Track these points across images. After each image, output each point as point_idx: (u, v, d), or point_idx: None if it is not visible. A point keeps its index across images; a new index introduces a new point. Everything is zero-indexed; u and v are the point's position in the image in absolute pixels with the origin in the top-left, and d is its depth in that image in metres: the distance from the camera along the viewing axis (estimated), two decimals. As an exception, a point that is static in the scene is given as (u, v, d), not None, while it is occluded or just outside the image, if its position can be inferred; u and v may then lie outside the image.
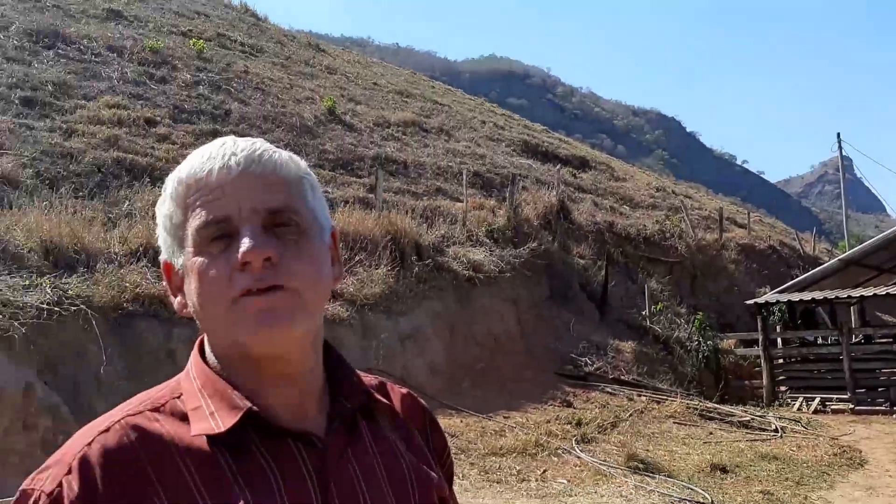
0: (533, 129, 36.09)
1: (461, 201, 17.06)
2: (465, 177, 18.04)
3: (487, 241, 15.40)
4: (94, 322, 7.80)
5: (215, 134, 15.95)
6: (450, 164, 21.00)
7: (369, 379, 1.25)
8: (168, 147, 14.44)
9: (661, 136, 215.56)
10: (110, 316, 8.25)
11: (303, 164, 1.12)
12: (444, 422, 9.93)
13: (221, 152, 1.05)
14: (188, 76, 18.83)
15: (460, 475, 8.03)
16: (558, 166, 24.45)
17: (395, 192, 16.83)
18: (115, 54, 18.43)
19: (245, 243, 0.98)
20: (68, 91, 15.38)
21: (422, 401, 1.29)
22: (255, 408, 1.00)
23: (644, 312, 17.57)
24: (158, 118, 15.70)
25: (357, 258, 12.09)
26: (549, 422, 10.69)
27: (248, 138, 1.08)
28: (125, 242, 9.59)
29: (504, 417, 10.70)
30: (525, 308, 14.98)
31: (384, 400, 1.19)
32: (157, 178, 12.73)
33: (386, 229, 12.90)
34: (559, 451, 9.26)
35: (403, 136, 22.32)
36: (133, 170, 12.85)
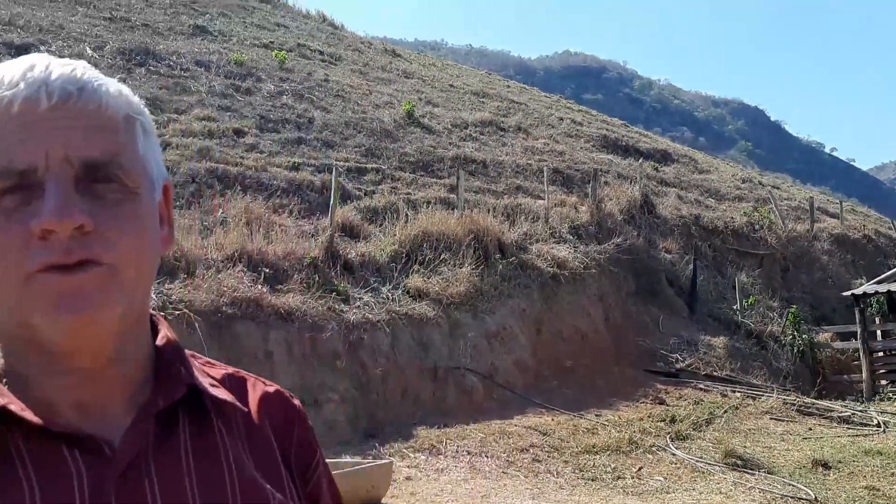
0: (611, 123, 35.61)
1: (542, 198, 16.99)
2: (545, 174, 17.97)
3: (571, 237, 15.30)
4: (196, 325, 8.14)
5: (300, 142, 16.40)
6: (529, 161, 20.95)
7: (218, 370, 0.99)
8: (256, 156, 14.89)
9: (744, 127, 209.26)
10: (211, 319, 8.58)
11: (136, 99, 0.88)
12: (534, 420, 9.97)
13: (30, 78, 0.79)
14: (272, 87, 19.37)
15: (554, 473, 8.03)
16: (640, 160, 24.06)
17: (476, 191, 16.90)
18: (202, 69, 19.13)
19: (49, 206, 0.76)
20: (161, 106, 16.04)
21: (296, 402, 1.02)
22: (11, 405, 0.78)
23: (735, 307, 17.13)
24: (246, 128, 16.20)
25: (441, 257, 12.21)
26: (641, 419, 10.56)
27: (67, 60, 0.84)
28: (221, 248, 9.95)
29: (595, 415, 10.62)
30: (612, 304, 14.82)
31: (225, 396, 0.91)
32: (248, 187, 13.18)
33: (468, 228, 12.98)
34: (654, 449, 9.14)
35: (481, 136, 22.38)
36: (225, 179, 13.31)
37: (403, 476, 7.52)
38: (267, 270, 9.89)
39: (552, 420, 10.13)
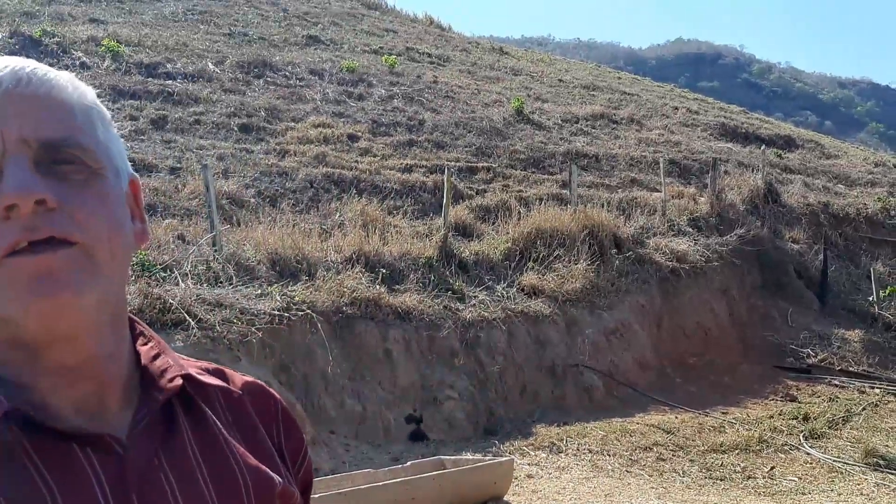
0: (729, 110, 34.29)
1: (659, 191, 16.53)
2: (661, 165, 17.47)
3: (690, 230, 14.82)
4: (318, 325, 8.38)
5: (412, 144, 16.65)
6: (643, 153, 20.45)
7: (201, 364, 0.99)
8: (370, 160, 15.21)
9: (874, 108, 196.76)
10: (332, 319, 8.82)
11: (90, 90, 0.87)
12: (657, 418, 9.71)
13: None
14: (383, 91, 19.74)
15: (680, 472, 7.79)
16: (761, 147, 23.02)
17: (589, 186, 16.64)
18: (316, 77, 19.73)
19: (8, 184, 0.74)
20: (278, 115, 16.63)
21: (273, 392, 1.02)
22: (20, 407, 0.76)
23: (870, 298, 16.11)
24: (359, 133, 16.58)
25: (555, 254, 12.08)
26: (771, 417, 10.09)
27: (20, 58, 0.84)
28: (340, 250, 10.21)
29: (722, 413, 10.22)
30: (736, 298, 14.26)
31: (218, 382, 0.94)
32: (363, 190, 13.48)
33: (582, 224, 12.78)
34: (785, 448, 8.71)
35: (593, 130, 22.03)
36: (341, 183, 13.66)
37: (524, 474, 7.47)
38: (384, 271, 10.07)
39: (676, 418, 9.83)
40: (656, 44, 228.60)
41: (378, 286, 9.67)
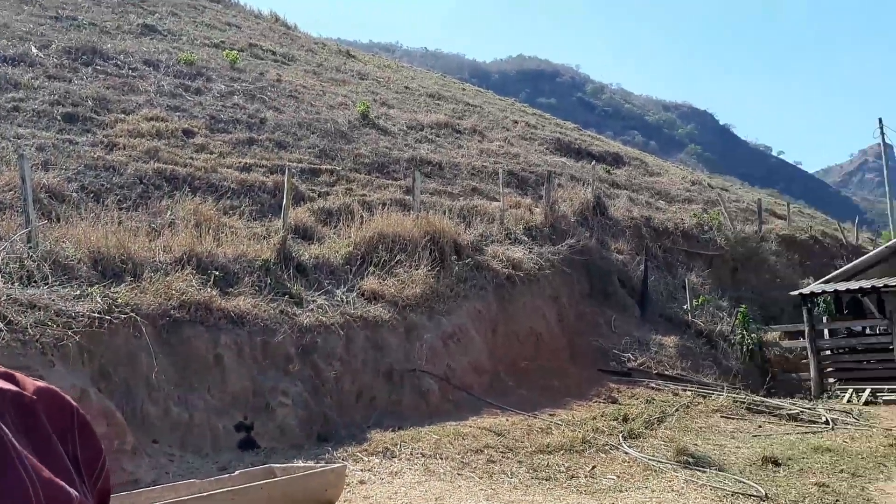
0: (565, 127, 35.93)
1: (498, 200, 17.03)
2: (500, 176, 18.01)
3: (526, 238, 15.37)
4: (143, 329, 7.94)
5: (251, 142, 16.18)
6: (484, 163, 21.00)
7: None
8: (206, 157, 14.64)
9: (693, 130, 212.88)
10: (158, 323, 8.39)
11: None
12: (489, 420, 9.96)
13: None
14: (223, 86, 19.08)
15: (509, 473, 8.02)
16: (592, 163, 24.31)
17: (432, 193, 16.87)
18: (151, 68, 18.76)
19: None
20: (108, 106, 15.67)
21: (69, 399, 0.95)
22: None
23: (685, 307, 17.38)
24: (196, 129, 15.92)
25: (397, 259, 12.14)
26: (594, 418, 10.63)
27: None
28: (169, 251, 9.74)
29: (550, 415, 10.65)
30: (566, 305, 14.92)
31: (8, 386, 0.87)
32: (197, 188, 12.94)
33: (424, 230, 12.93)
34: (607, 448, 9.19)
35: (437, 138, 22.36)
36: (173, 180, 13.05)
37: (357, 479, 7.43)
38: (217, 273, 9.71)
39: (507, 421, 10.13)
40: (499, 58, 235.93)
41: (210, 289, 9.31)
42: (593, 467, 8.35)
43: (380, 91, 26.42)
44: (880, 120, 33.92)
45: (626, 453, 8.96)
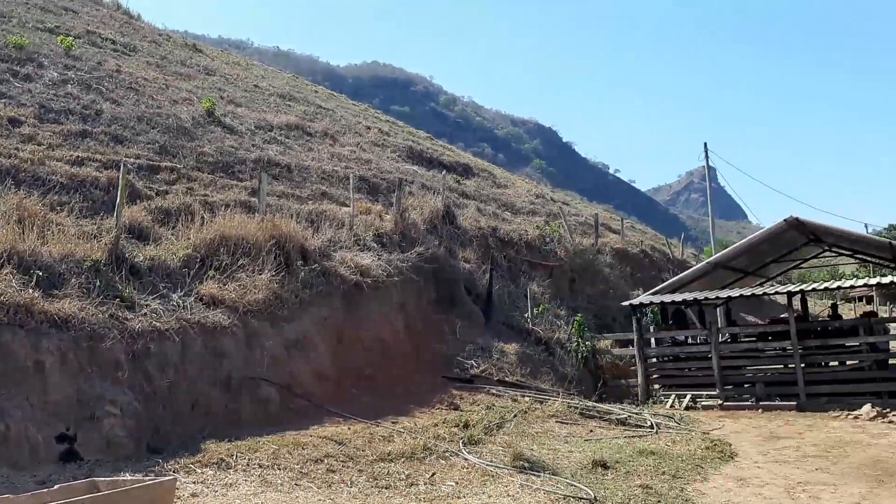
0: (417, 135, 36.31)
1: (348, 206, 16.92)
2: (351, 181, 17.91)
3: (375, 245, 15.35)
4: (-50, 333, 7.23)
5: (85, 135, 15.20)
6: (335, 168, 20.81)
7: None
8: (33, 148, 13.59)
9: (539, 146, 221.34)
10: (-30, 326, 7.67)
11: None
12: (331, 429, 9.84)
13: None
14: (55, 74, 17.81)
15: (349, 482, 7.95)
16: (443, 172, 24.70)
17: (279, 195, 16.51)
18: (-28, 48, 17.22)
19: None
20: (-82, 85, 14.22)
21: None
22: None
23: (526, 315, 17.97)
24: (23, 118, 14.76)
25: (239, 263, 11.77)
26: (436, 425, 10.74)
27: None
28: (-14, 248, 8.93)
29: (392, 423, 10.66)
30: (413, 312, 15.02)
31: None
32: (22, 181, 12.00)
33: (270, 233, 12.61)
34: (447, 454, 9.30)
35: (287, 140, 21.94)
36: (-6, 171, 12.01)
37: (189, 492, 7.10)
38: (40, 273, 9.02)
39: (349, 429, 10.04)
40: (354, 63, 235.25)
41: (31, 290, 8.63)
42: (433, 474, 8.43)
43: (227, 88, 25.59)
44: (705, 144, 36.52)
45: (466, 459, 9.11)
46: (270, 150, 19.90)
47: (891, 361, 17.06)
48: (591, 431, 11.78)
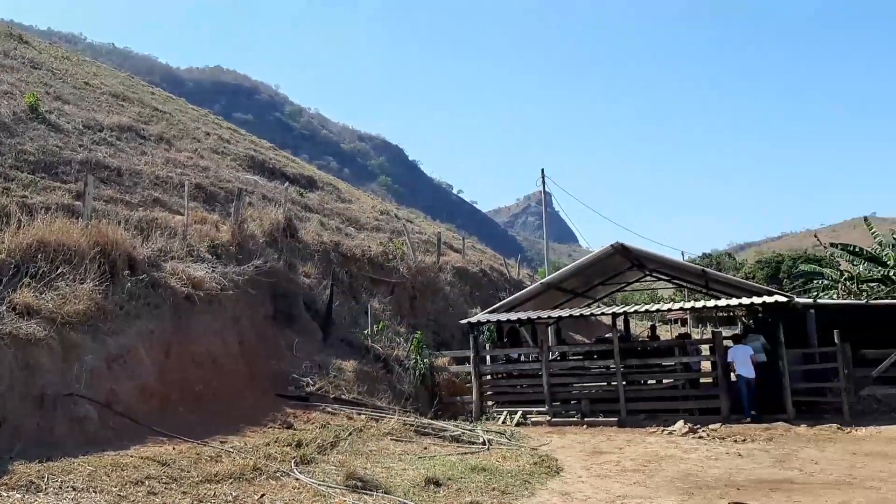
0: (260, 145, 35.49)
1: (182, 214, 16.22)
2: (187, 188, 17.19)
3: (210, 257, 14.79)
4: None
5: None
6: (170, 174, 19.92)
7: None
8: None
9: (385, 163, 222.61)
10: None
11: None
12: (154, 449, 9.34)
13: None
14: None
15: (172, 505, 7.56)
16: (286, 184, 24.25)
17: (107, 200, 15.59)
18: None
19: None
20: None
21: None
22: None
23: (366, 332, 17.92)
24: None
25: (59, 271, 10.96)
26: (268, 444, 10.45)
27: None
28: None
29: (221, 442, 10.26)
30: (248, 327, 14.57)
31: None
32: None
33: (94, 240, 11.84)
34: (278, 474, 9.07)
35: (118, 142, 20.78)
36: None
37: (-11, 521, 6.50)
38: None
39: (174, 449, 9.57)
40: (196, 66, 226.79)
41: None
42: (262, 495, 8.19)
43: (55, 84, 23.93)
44: (542, 171, 38.16)
45: (298, 479, 8.92)
46: (99, 151, 18.77)
47: (702, 380, 18.47)
48: (426, 449, 11.88)
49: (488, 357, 19.04)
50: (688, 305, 19.32)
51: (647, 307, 20.09)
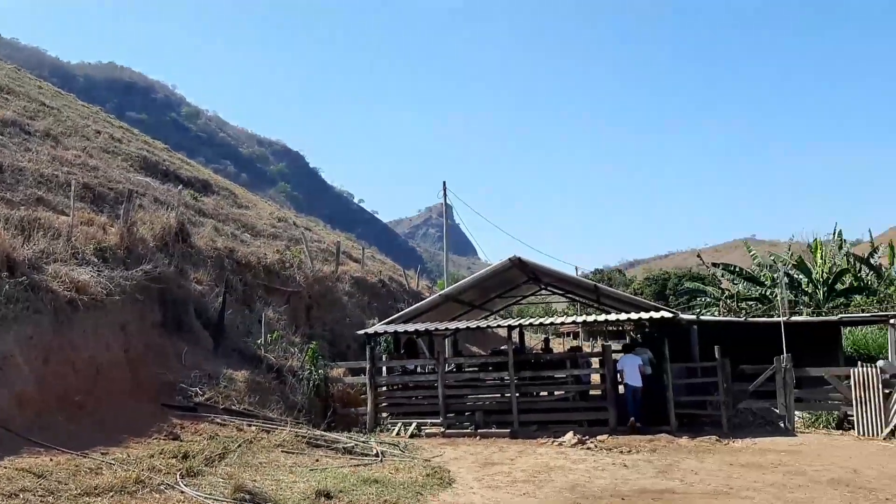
0: (154, 146, 34.36)
1: (67, 215, 15.49)
2: (73, 188, 16.43)
3: (96, 260, 14.16)
4: None
5: None
6: (56, 172, 18.99)
7: None
8: None
9: (285, 169, 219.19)
10: None
11: None
12: (29, 461, 8.88)
13: None
14: None
15: (46, 520, 7.19)
16: (179, 187, 23.54)
17: (-15, 198, 14.71)
18: None
19: None
20: None
21: None
22: None
23: (259, 341, 17.57)
24: None
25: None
26: (152, 456, 10.08)
27: None
28: None
29: (102, 453, 9.83)
30: (135, 335, 14.02)
31: None
32: None
33: (-31, 240, 11.17)
34: (162, 487, 8.76)
35: (0, 137, 19.67)
36: None
37: None
38: None
39: (51, 460, 9.10)
40: (88, 62, 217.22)
41: None
42: (145, 509, 7.90)
43: (-71, 71, 22.47)
44: (444, 183, 38.56)
45: (183, 492, 8.65)
46: (-22, 145, 17.72)
47: (591, 392, 19.01)
48: (318, 461, 11.73)
49: (384, 368, 18.98)
50: (580, 319, 19.87)
51: (541, 320, 20.55)
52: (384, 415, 17.46)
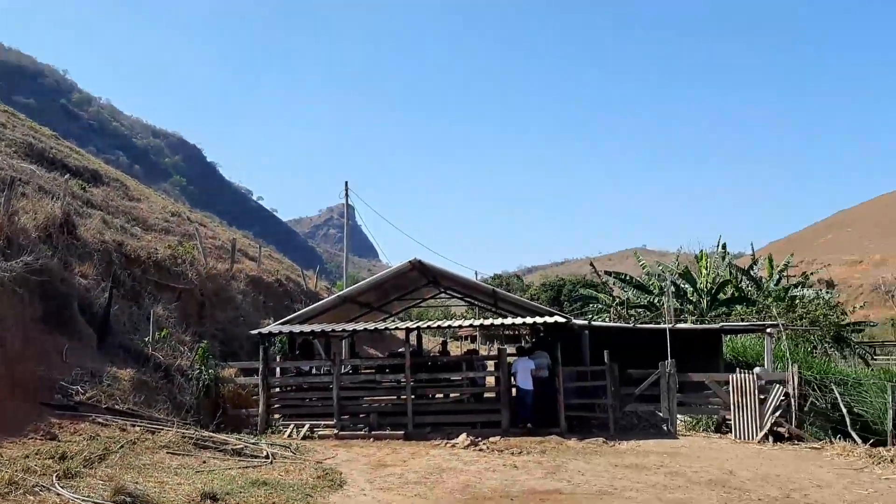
0: (41, 132, 32.67)
1: (-62, 201, 14.52)
2: (-55, 173, 15.42)
3: (-31, 250, 13.33)
4: None
5: None
6: (-73, 155, 17.77)
7: None
8: None
9: (180, 162, 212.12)
10: None
11: None
12: None
13: None
14: None
15: None
16: (66, 176, 22.47)
17: None
18: None
19: None
20: None
21: None
22: None
23: (147, 339, 16.95)
24: None
25: None
26: (27, 456, 9.56)
27: None
28: None
29: (-30, 454, 9.24)
30: (12, 329, 13.24)
31: None
32: None
33: None
34: (37, 489, 8.32)
35: None
36: None
37: None
38: None
39: (-89, 463, 8.50)
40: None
41: None
42: (16, 513, 7.48)
43: None
44: (346, 183, 38.19)
45: (59, 495, 8.24)
46: None
47: (487, 395, 19.26)
48: (205, 462, 11.40)
49: (278, 369, 18.65)
50: (477, 323, 20.09)
51: (439, 323, 20.65)
52: (276, 416, 17.16)
